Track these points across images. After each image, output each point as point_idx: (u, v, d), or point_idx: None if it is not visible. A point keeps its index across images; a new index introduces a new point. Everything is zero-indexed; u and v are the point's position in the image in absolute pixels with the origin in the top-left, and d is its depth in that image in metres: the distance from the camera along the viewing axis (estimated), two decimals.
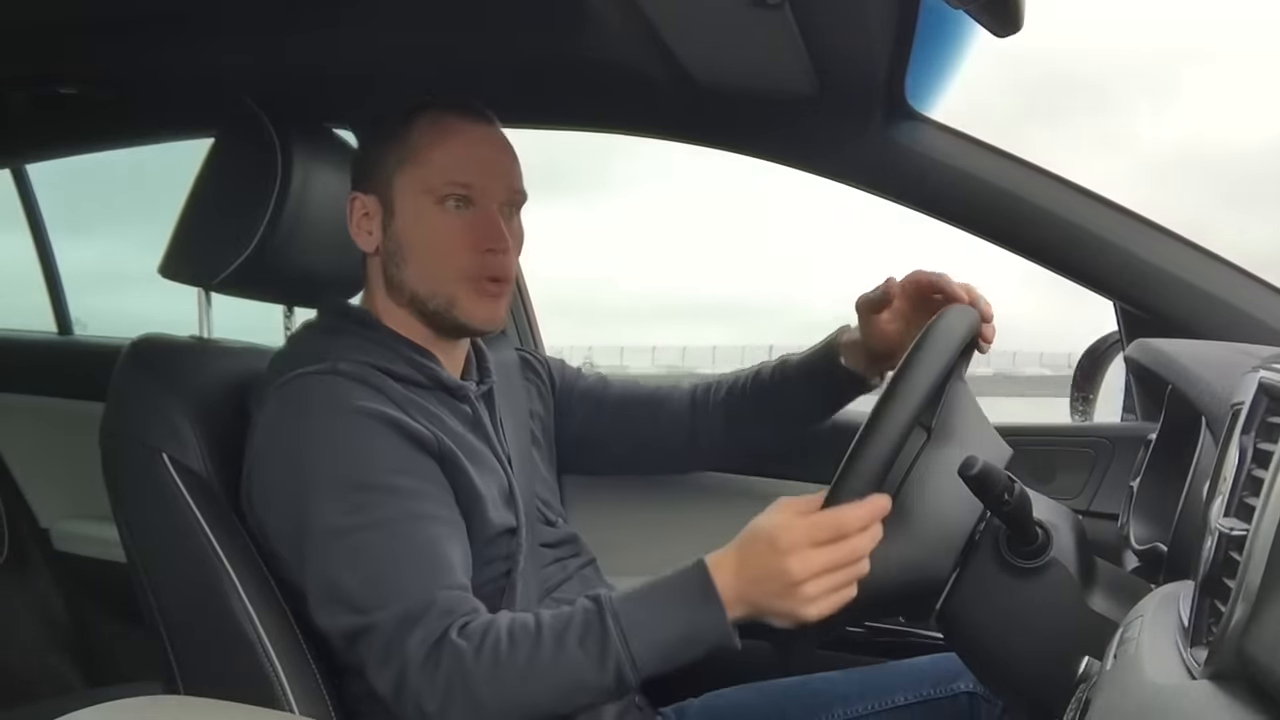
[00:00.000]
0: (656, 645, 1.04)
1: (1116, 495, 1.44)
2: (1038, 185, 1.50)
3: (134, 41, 1.49)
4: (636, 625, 1.04)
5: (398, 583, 1.09)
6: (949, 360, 1.09)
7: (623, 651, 1.03)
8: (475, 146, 1.26)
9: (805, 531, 1.01)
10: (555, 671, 1.04)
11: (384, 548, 1.10)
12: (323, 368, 1.19)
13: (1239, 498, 0.68)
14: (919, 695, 1.36)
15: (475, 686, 1.03)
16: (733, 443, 1.50)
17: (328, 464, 1.14)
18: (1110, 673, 0.75)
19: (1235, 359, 1.01)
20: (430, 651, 1.05)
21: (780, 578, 1.02)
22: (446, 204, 1.24)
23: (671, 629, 1.04)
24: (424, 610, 1.07)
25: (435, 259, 1.25)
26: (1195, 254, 1.47)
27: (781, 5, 1.14)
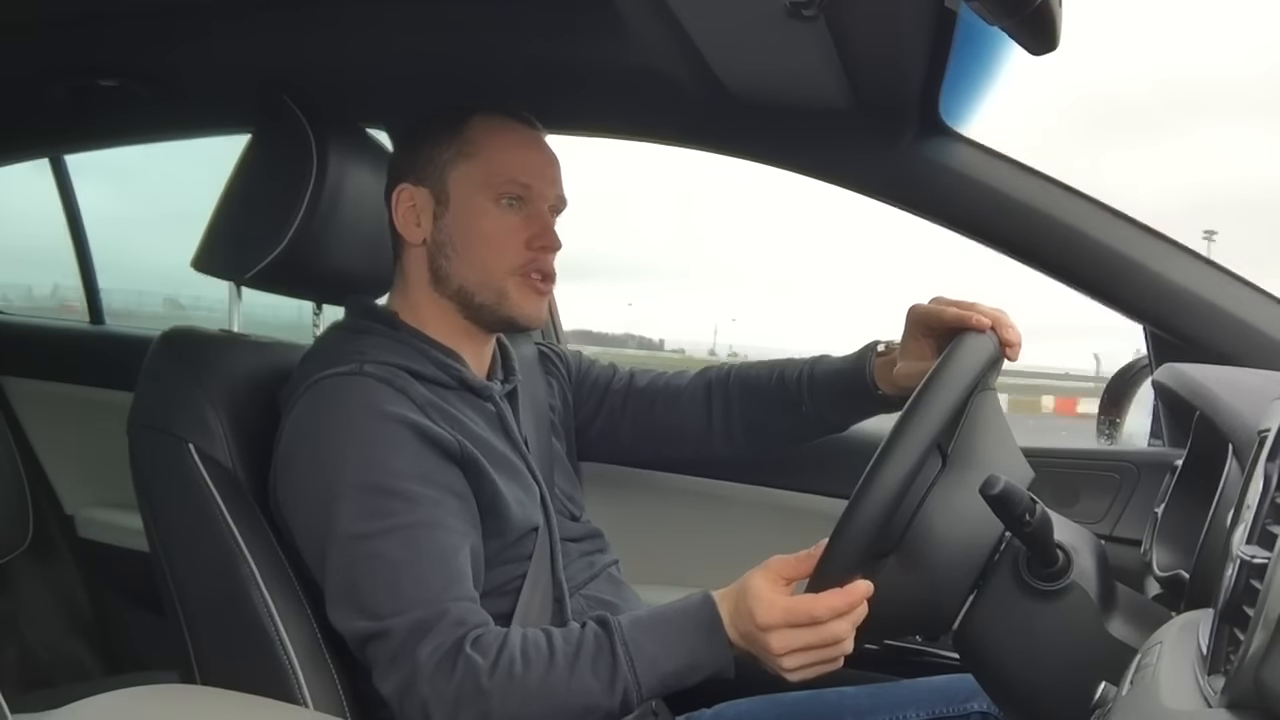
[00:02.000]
0: (662, 673, 1.09)
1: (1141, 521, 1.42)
2: (1070, 206, 1.49)
3: (173, 36, 1.51)
4: (645, 654, 1.09)
5: (412, 590, 1.11)
6: (959, 395, 1.09)
7: (630, 678, 1.08)
8: (531, 150, 1.32)
9: (782, 615, 1.06)
10: (566, 694, 1.07)
11: (400, 555, 1.12)
12: (350, 369, 1.21)
13: (1262, 525, 0.68)
14: (932, 713, 1.35)
15: (486, 700, 1.06)
16: (748, 433, 1.49)
17: (351, 469, 1.16)
18: (1126, 699, 0.75)
19: (1264, 386, 1.01)
20: (441, 662, 1.07)
21: (762, 647, 1.08)
22: (502, 201, 1.28)
23: (677, 659, 1.10)
24: (437, 619, 1.09)
25: (489, 253, 1.28)
26: (1226, 279, 1.46)
27: (817, 17, 1.13)
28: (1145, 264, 1.46)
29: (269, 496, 1.26)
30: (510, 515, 1.25)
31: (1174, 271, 1.46)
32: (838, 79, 1.36)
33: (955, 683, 1.36)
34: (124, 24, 1.51)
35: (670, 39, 1.29)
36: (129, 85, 1.66)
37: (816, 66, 1.32)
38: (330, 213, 1.36)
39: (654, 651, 1.09)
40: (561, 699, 1.07)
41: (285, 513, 1.23)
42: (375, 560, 1.12)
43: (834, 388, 1.41)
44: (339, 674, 1.22)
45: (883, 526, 1.04)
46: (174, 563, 1.28)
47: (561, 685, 1.07)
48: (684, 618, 1.11)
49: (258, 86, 1.46)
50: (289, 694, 1.19)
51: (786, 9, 1.11)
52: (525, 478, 1.30)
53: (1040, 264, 1.52)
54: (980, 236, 1.53)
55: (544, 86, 1.57)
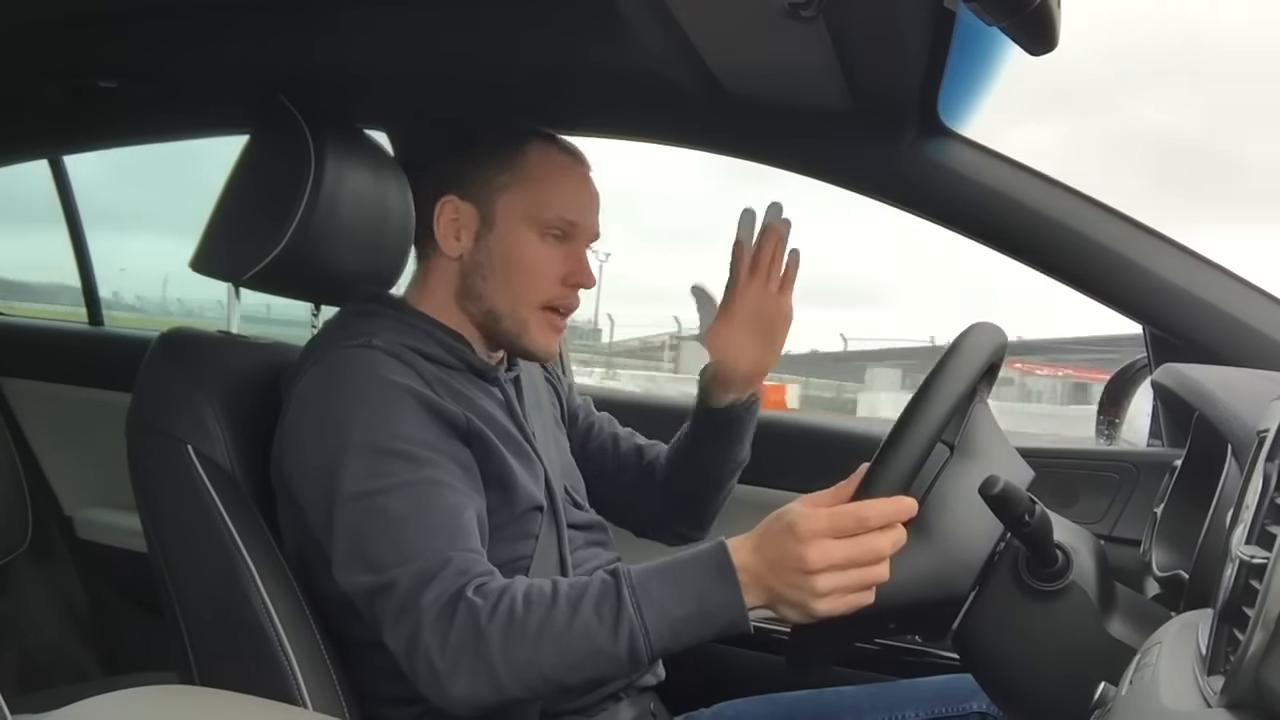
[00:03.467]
0: (670, 619, 1.02)
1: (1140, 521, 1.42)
2: (1069, 206, 1.49)
3: (172, 38, 1.51)
4: (652, 596, 1.03)
5: (416, 542, 1.10)
6: (974, 375, 1.09)
7: (636, 620, 1.02)
8: (582, 187, 1.34)
9: (826, 520, 1.00)
10: (568, 635, 1.03)
11: (404, 510, 1.12)
12: (358, 342, 1.22)
13: (1261, 525, 0.68)
14: (931, 713, 1.35)
15: (487, 645, 1.03)
16: (668, 501, 1.53)
17: (356, 431, 1.16)
18: (1125, 698, 0.75)
19: (1263, 386, 1.01)
20: (444, 608, 1.05)
21: (796, 565, 1.00)
22: (547, 235, 1.30)
23: (686, 603, 1.03)
24: (440, 568, 1.07)
25: (525, 283, 1.30)
26: (1226, 279, 1.46)
27: (816, 18, 1.13)
28: (1144, 264, 1.46)
29: (271, 475, 1.26)
30: (518, 486, 1.26)
31: (1173, 271, 1.46)
32: (836, 79, 1.36)
33: (954, 683, 1.37)
34: (123, 25, 1.51)
35: (669, 39, 1.29)
36: (128, 86, 1.66)
37: (815, 67, 1.32)
38: (328, 214, 1.36)
39: (661, 594, 1.03)
40: (564, 641, 1.03)
41: (291, 484, 1.22)
42: (380, 515, 1.12)
43: (693, 423, 1.48)
44: (338, 674, 1.22)
45: (926, 453, 1.04)
46: (172, 564, 1.28)
47: (563, 626, 1.03)
48: (694, 561, 1.05)
49: (256, 88, 1.46)
50: (288, 694, 1.19)
51: (785, 10, 1.11)
52: (530, 457, 1.31)
53: (1039, 264, 1.52)
54: (979, 236, 1.54)
55: (543, 87, 1.57)
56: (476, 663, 1.03)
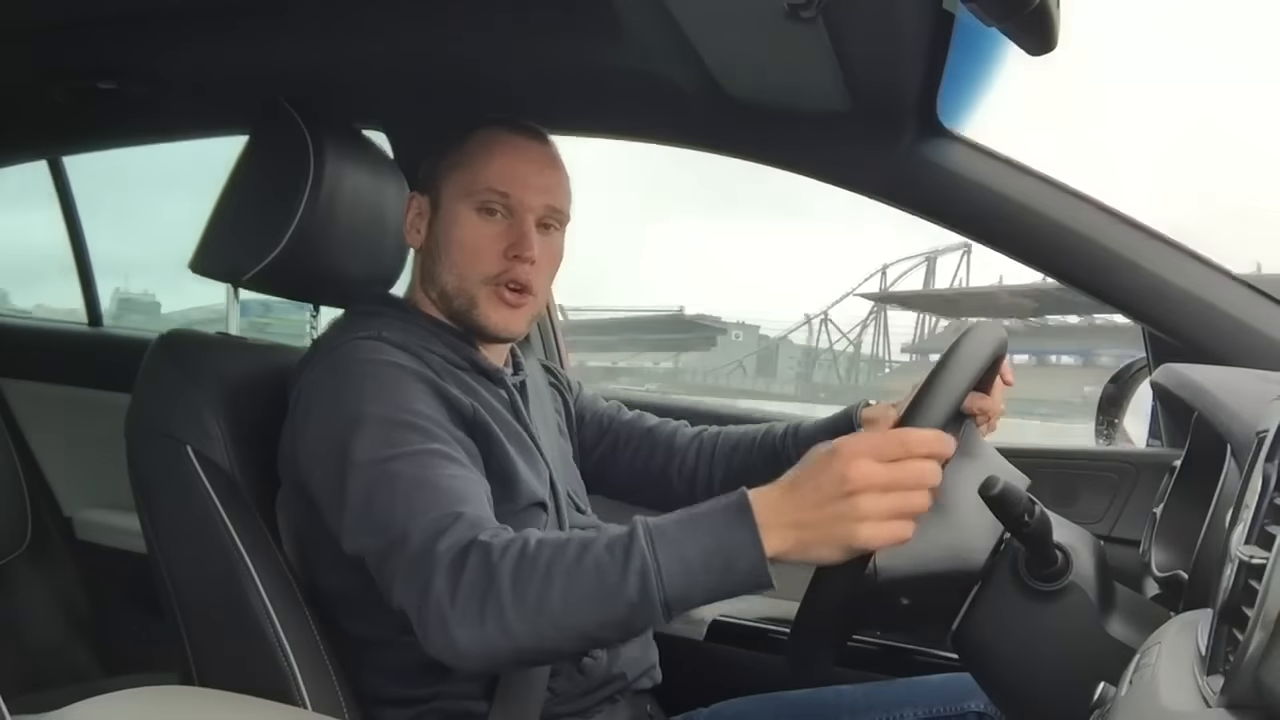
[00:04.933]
0: (684, 559, 0.98)
1: (1139, 521, 1.42)
2: (1068, 206, 1.49)
3: (171, 39, 1.51)
4: (666, 536, 0.98)
5: (430, 500, 1.09)
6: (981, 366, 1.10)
7: (649, 556, 0.97)
8: (519, 160, 1.32)
9: (870, 442, 0.96)
10: (578, 570, 0.99)
11: (417, 474, 1.12)
12: (369, 333, 1.24)
13: (1260, 526, 0.68)
14: (929, 712, 1.35)
15: (498, 582, 1.00)
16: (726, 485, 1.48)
17: (369, 404, 1.17)
18: (1125, 699, 0.74)
19: (1262, 387, 1.00)
20: (457, 555, 1.03)
21: (837, 487, 0.95)
22: (483, 211, 1.30)
23: (700, 545, 0.98)
24: (453, 521, 1.07)
25: (464, 259, 1.30)
26: (1225, 279, 1.46)
27: (815, 19, 1.14)
28: (1143, 264, 1.46)
29: (281, 469, 1.27)
30: (520, 480, 1.26)
31: (1172, 272, 1.46)
32: (836, 80, 1.36)
33: (951, 682, 1.37)
34: (122, 26, 1.51)
35: (668, 40, 1.29)
36: (127, 87, 1.66)
37: (814, 68, 1.32)
38: (327, 215, 1.36)
39: (676, 534, 0.98)
40: (573, 576, 0.99)
41: (303, 469, 1.21)
42: (392, 479, 1.11)
43: (825, 437, 1.42)
44: (337, 675, 1.22)
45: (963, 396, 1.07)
46: (172, 565, 1.28)
47: (573, 561, 0.99)
48: (712, 505, 1.01)
49: (255, 89, 1.46)
50: (287, 695, 1.19)
51: (784, 11, 1.11)
52: (533, 454, 1.32)
53: (1038, 264, 1.52)
54: (979, 237, 1.54)
55: (542, 88, 1.58)
56: (486, 604, 1.00)
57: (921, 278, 27.14)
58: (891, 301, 29.01)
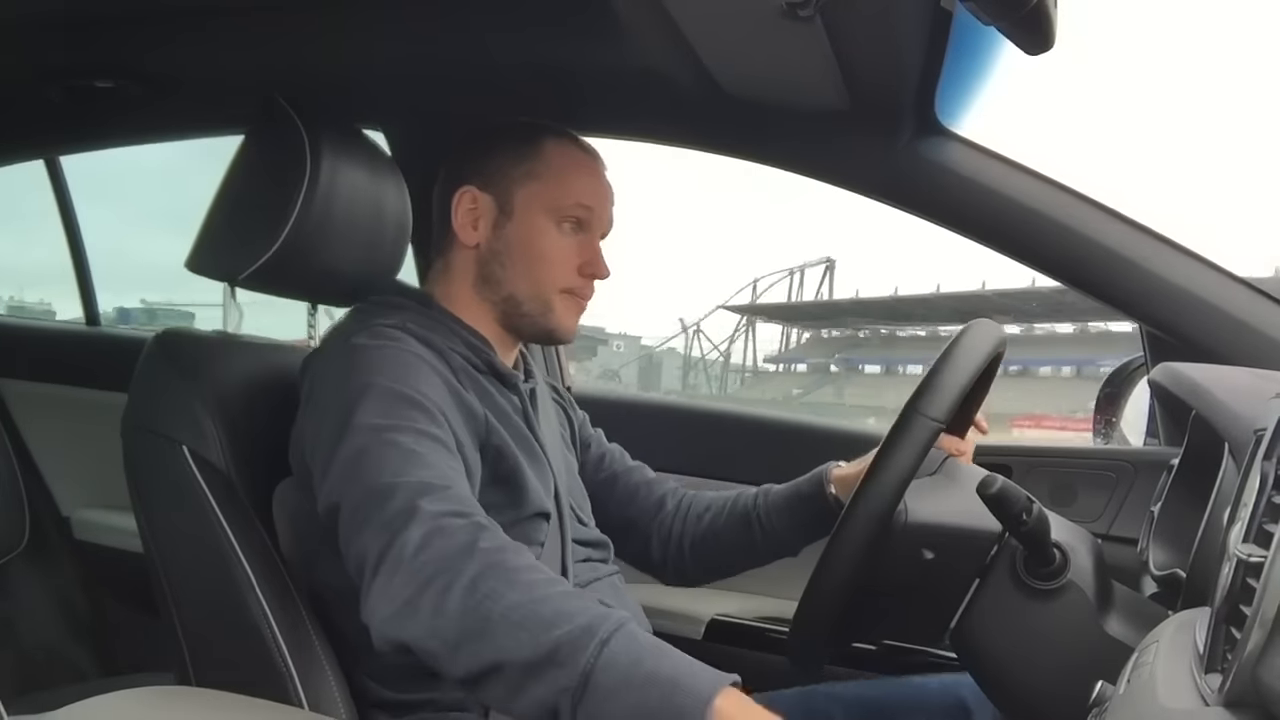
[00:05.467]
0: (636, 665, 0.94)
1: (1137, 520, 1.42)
2: (1066, 205, 1.49)
3: (168, 38, 1.51)
4: (631, 647, 0.95)
5: (422, 470, 1.08)
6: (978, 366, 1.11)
7: (589, 659, 0.93)
8: (597, 179, 1.36)
9: None
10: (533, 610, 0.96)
11: (414, 447, 1.11)
12: (394, 321, 1.24)
13: (1258, 524, 0.68)
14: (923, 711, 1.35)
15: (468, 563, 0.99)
16: (699, 558, 1.52)
17: (378, 374, 1.16)
18: (1123, 697, 0.74)
19: (1260, 385, 1.01)
20: (446, 517, 1.03)
21: None
22: (564, 224, 1.33)
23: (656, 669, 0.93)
24: (444, 489, 1.06)
25: (544, 271, 1.32)
26: (1222, 278, 1.46)
27: (813, 17, 1.14)
28: (1141, 263, 1.46)
29: (290, 455, 1.25)
30: (527, 488, 1.26)
31: (1170, 271, 1.46)
32: (834, 79, 1.36)
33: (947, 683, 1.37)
34: (120, 25, 1.51)
35: (666, 39, 1.29)
36: (125, 86, 1.66)
37: (812, 66, 1.32)
38: (324, 213, 1.36)
39: (637, 656, 0.94)
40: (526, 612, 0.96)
41: (308, 444, 1.19)
42: (389, 446, 1.10)
43: (790, 505, 1.46)
44: (334, 675, 1.22)
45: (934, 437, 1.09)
46: (168, 565, 1.27)
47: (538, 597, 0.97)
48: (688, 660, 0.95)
49: (252, 87, 1.46)
50: (284, 695, 1.19)
51: (782, 9, 1.11)
52: (542, 463, 1.31)
53: (1037, 263, 1.52)
54: (977, 235, 1.54)
55: (540, 87, 1.57)
56: (438, 580, 0.98)
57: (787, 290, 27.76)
58: (757, 314, 29.58)
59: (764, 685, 1.46)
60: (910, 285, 20.34)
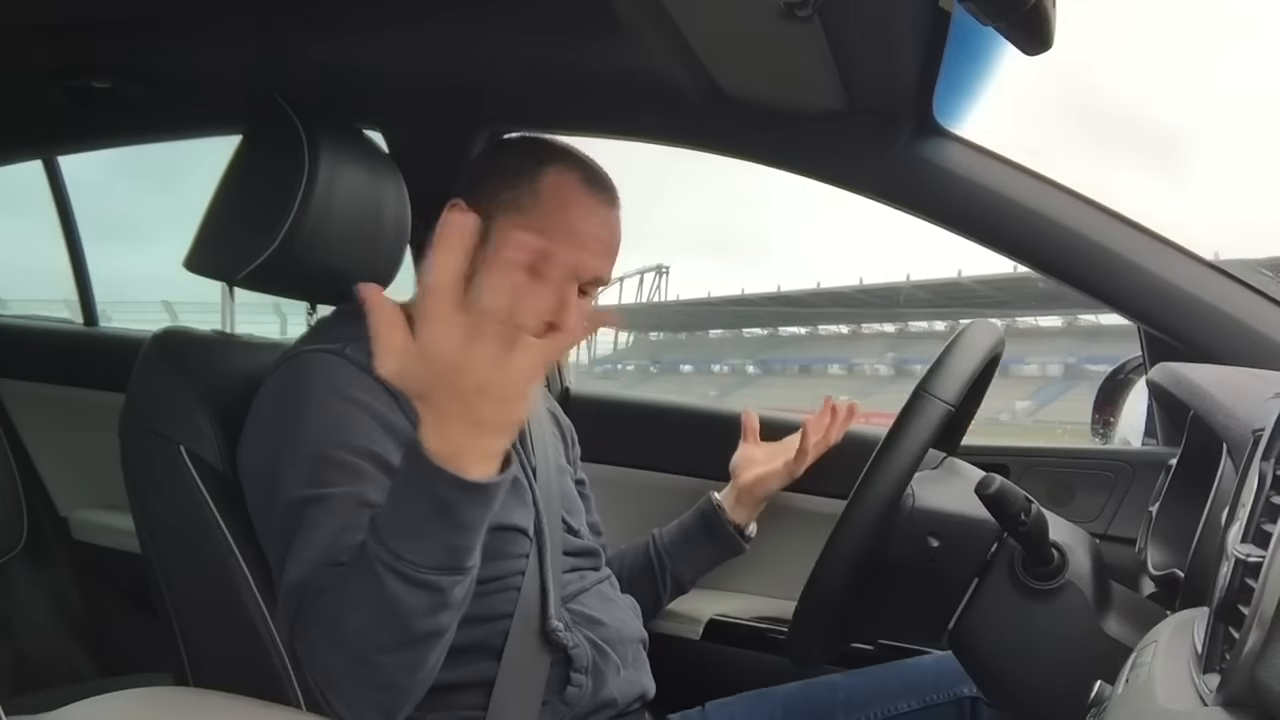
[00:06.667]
0: (411, 533, 0.95)
1: (1135, 519, 1.43)
2: (1065, 205, 1.49)
3: (166, 38, 1.51)
4: (386, 531, 0.95)
5: (317, 552, 1.07)
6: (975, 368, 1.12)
7: (384, 553, 0.95)
8: (587, 222, 1.25)
9: (418, 342, 0.89)
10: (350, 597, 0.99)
11: (326, 524, 1.08)
12: (332, 348, 1.19)
13: (1257, 524, 0.68)
14: (921, 701, 1.35)
15: (313, 633, 1.02)
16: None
17: (302, 437, 1.13)
18: (1121, 697, 0.74)
19: (1258, 385, 1.01)
20: (294, 613, 1.06)
21: (442, 392, 0.89)
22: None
23: (416, 514, 0.94)
24: (310, 582, 1.06)
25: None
26: (1221, 279, 1.46)
27: (811, 18, 1.14)
28: (1140, 263, 1.46)
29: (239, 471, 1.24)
30: None
31: (1169, 271, 1.46)
32: (832, 79, 1.36)
33: (943, 663, 1.37)
34: (118, 25, 1.51)
35: (665, 40, 1.29)
36: (123, 86, 1.66)
37: (811, 67, 1.32)
38: (322, 213, 1.36)
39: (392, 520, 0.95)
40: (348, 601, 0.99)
41: (242, 481, 1.22)
42: (309, 526, 1.09)
43: (684, 537, 1.61)
44: None
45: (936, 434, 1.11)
46: (166, 565, 1.27)
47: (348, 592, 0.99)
48: (396, 485, 0.97)
49: (251, 87, 1.45)
50: (281, 695, 1.19)
51: (781, 10, 1.12)
52: (518, 479, 1.28)
53: (1035, 263, 1.52)
54: (975, 236, 1.54)
55: (540, 88, 1.58)
56: (312, 650, 1.02)
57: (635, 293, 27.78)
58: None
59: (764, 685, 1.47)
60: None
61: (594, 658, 1.26)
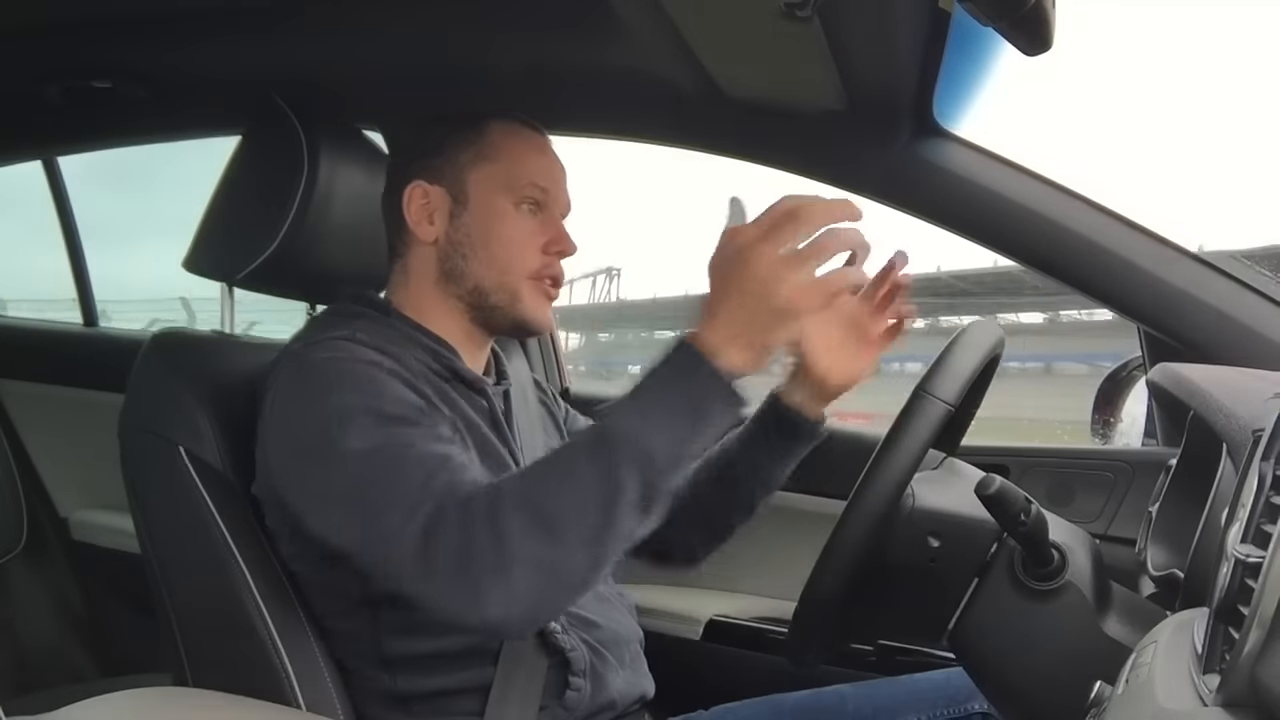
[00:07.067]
0: (659, 427, 0.99)
1: (1135, 520, 1.43)
2: (1064, 206, 1.49)
3: (166, 38, 1.51)
4: (633, 412, 1.00)
5: (411, 482, 1.06)
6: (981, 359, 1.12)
7: (629, 438, 0.99)
8: (548, 156, 1.32)
9: (758, 229, 0.97)
10: (565, 479, 1.01)
11: (404, 456, 1.08)
12: (340, 334, 1.19)
13: (1256, 524, 0.68)
14: (931, 715, 1.35)
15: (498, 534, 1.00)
16: (693, 526, 1.44)
17: (349, 395, 1.12)
18: (1121, 697, 0.75)
19: (1258, 386, 1.01)
20: (436, 528, 1.02)
21: (754, 288, 0.97)
22: (522, 206, 1.28)
23: (667, 405, 0.99)
24: (458, 486, 1.05)
25: (508, 254, 1.28)
26: (1220, 279, 1.46)
27: (811, 18, 1.14)
28: (1139, 264, 1.46)
29: (259, 485, 1.23)
30: None
31: (1168, 271, 1.46)
32: (832, 79, 1.36)
33: (954, 679, 1.36)
34: (117, 25, 1.51)
35: (665, 39, 1.29)
36: (122, 86, 1.65)
37: (811, 67, 1.32)
38: (322, 212, 1.36)
39: (640, 408, 1.00)
40: (561, 484, 1.00)
41: (280, 485, 1.17)
42: (382, 469, 1.07)
43: (758, 431, 1.39)
44: (331, 675, 1.22)
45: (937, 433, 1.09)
46: (165, 565, 1.27)
47: (554, 475, 1.02)
48: (655, 369, 1.01)
49: (250, 87, 1.45)
50: (281, 695, 1.18)
51: (780, 10, 1.12)
52: (507, 467, 1.26)
53: (1035, 263, 1.52)
54: (975, 236, 1.54)
55: (539, 87, 1.57)
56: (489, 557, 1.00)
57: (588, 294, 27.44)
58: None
59: (765, 687, 1.46)
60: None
61: (591, 660, 1.26)
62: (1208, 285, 1.46)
